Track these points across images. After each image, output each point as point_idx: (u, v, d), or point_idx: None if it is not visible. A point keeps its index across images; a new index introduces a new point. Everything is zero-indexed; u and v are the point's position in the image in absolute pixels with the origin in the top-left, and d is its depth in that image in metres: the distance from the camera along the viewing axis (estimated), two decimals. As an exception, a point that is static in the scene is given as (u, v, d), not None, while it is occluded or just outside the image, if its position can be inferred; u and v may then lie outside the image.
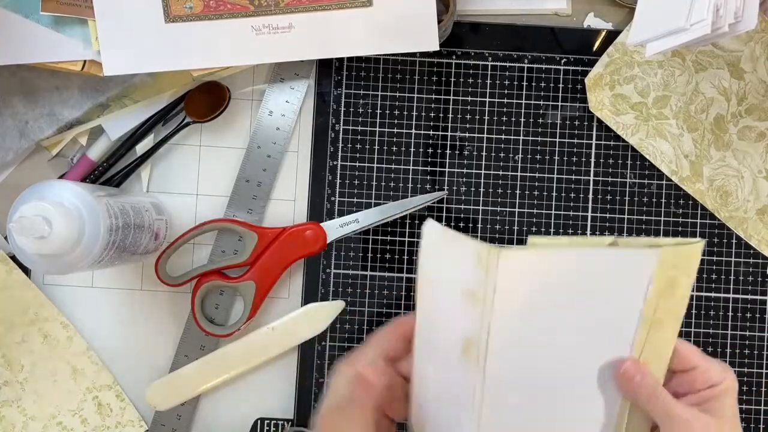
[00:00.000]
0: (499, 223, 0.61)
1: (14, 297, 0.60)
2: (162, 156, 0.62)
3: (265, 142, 0.61)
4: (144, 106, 0.60)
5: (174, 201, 0.62)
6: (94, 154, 0.61)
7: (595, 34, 0.61)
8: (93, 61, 0.57)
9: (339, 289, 0.61)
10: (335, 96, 0.61)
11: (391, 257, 0.61)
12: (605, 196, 0.61)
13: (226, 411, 0.61)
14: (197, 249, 0.62)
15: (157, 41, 0.57)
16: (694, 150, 0.60)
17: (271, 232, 0.60)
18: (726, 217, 0.60)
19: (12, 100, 0.59)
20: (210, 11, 0.57)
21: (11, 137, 0.60)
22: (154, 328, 0.62)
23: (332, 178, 0.61)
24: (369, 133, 0.61)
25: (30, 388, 0.60)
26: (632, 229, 0.61)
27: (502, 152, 0.61)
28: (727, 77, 0.60)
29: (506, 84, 0.61)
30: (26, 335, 0.60)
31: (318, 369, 0.61)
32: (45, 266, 0.48)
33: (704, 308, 0.61)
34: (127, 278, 0.62)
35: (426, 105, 0.61)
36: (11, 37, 0.56)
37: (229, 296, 0.61)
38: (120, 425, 0.60)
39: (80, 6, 0.56)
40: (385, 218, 0.60)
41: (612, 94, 0.60)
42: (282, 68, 0.61)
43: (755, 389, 0.60)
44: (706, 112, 0.60)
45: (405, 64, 0.61)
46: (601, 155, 0.61)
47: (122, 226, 0.51)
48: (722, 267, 0.61)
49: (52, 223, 0.46)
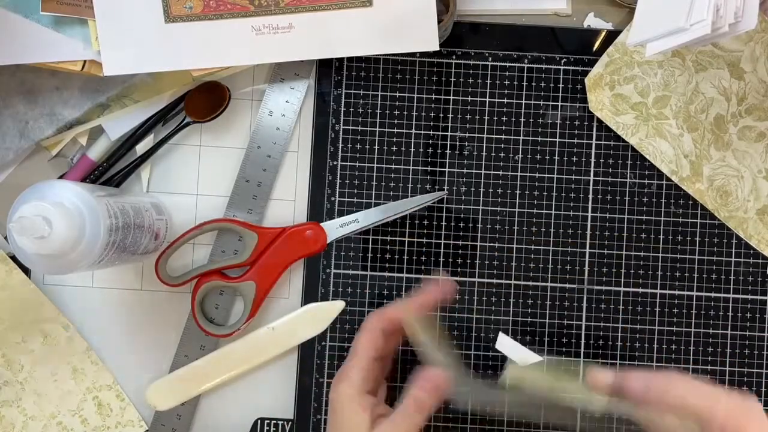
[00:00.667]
0: (499, 223, 0.61)
1: (14, 297, 0.60)
2: (162, 156, 0.62)
3: (265, 142, 0.61)
4: (144, 106, 0.60)
5: (174, 201, 0.62)
6: (94, 154, 0.61)
7: (595, 34, 0.61)
8: (93, 61, 0.57)
9: (339, 289, 0.61)
10: (335, 96, 0.61)
11: (391, 257, 0.61)
12: (605, 196, 0.61)
13: (226, 411, 0.61)
14: (197, 249, 0.62)
15: (157, 41, 0.57)
16: (694, 150, 0.60)
17: (271, 232, 0.60)
18: (726, 217, 0.60)
19: (12, 100, 0.59)
20: (210, 11, 0.57)
21: (11, 137, 0.60)
22: (154, 328, 0.62)
23: (332, 178, 0.61)
24: (369, 133, 0.61)
25: (30, 388, 0.60)
26: (632, 229, 0.61)
27: (502, 152, 0.61)
28: (727, 77, 0.60)
29: (506, 84, 0.61)
30: (26, 335, 0.60)
31: (318, 369, 0.61)
32: (45, 266, 0.48)
33: (704, 308, 0.61)
34: (127, 278, 0.62)
35: (426, 105, 0.61)
36: (11, 37, 0.56)
37: (229, 296, 0.61)
38: (120, 425, 0.60)
39: (80, 6, 0.56)
40: (385, 218, 0.60)
41: (612, 94, 0.60)
42: (282, 68, 0.61)
43: (755, 389, 0.60)
44: (706, 112, 0.60)
45: (405, 64, 0.61)
46: (601, 155, 0.61)
47: (122, 226, 0.51)
48: (722, 267, 0.61)
49: (52, 223, 0.46)
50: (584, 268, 0.61)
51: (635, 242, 0.61)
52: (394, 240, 0.61)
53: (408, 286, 0.61)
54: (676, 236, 0.61)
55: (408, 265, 0.61)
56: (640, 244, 0.61)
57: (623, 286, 0.61)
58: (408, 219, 0.61)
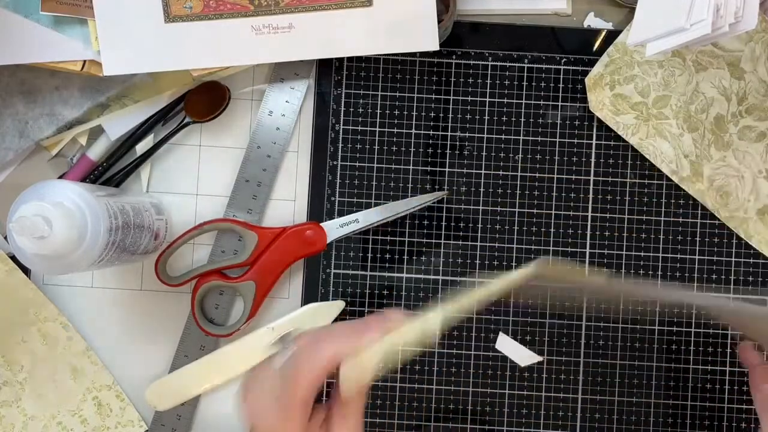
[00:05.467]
0: (499, 223, 0.61)
1: (14, 297, 0.60)
2: (162, 156, 0.62)
3: (265, 142, 0.61)
4: (144, 106, 0.60)
5: (174, 201, 0.62)
6: (94, 154, 0.61)
7: (595, 34, 0.61)
8: (93, 61, 0.57)
9: (339, 289, 0.61)
10: (335, 96, 0.61)
11: (391, 257, 0.61)
12: (605, 196, 0.61)
13: (226, 411, 0.61)
14: (197, 249, 0.62)
15: (157, 41, 0.57)
16: (694, 150, 0.60)
17: (271, 232, 0.60)
18: (726, 217, 0.60)
19: (12, 100, 0.59)
20: (210, 11, 0.57)
21: (11, 137, 0.60)
22: (154, 328, 0.62)
23: (332, 178, 0.61)
24: (369, 133, 0.61)
25: (30, 388, 0.60)
26: (632, 229, 0.61)
27: (502, 152, 0.61)
28: (727, 77, 0.60)
29: (506, 84, 0.61)
30: (26, 335, 0.60)
31: (318, 369, 0.61)
32: (45, 266, 0.48)
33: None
34: (127, 278, 0.62)
35: (426, 105, 0.61)
36: (11, 37, 0.56)
37: (229, 296, 0.61)
38: (120, 425, 0.60)
39: (80, 6, 0.56)
40: (385, 218, 0.60)
41: (612, 94, 0.60)
42: (282, 68, 0.61)
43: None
44: (706, 112, 0.60)
45: (405, 64, 0.61)
46: (601, 155, 0.61)
47: (122, 226, 0.51)
48: (722, 267, 0.61)
49: (52, 223, 0.46)
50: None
51: (635, 242, 0.61)
52: (394, 240, 0.61)
53: (408, 286, 0.61)
54: (676, 236, 0.61)
55: (408, 265, 0.61)
56: (640, 244, 0.61)
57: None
58: (408, 219, 0.61)
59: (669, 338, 0.60)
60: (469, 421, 0.60)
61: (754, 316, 0.55)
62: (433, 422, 0.60)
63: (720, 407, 0.60)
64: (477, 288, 0.46)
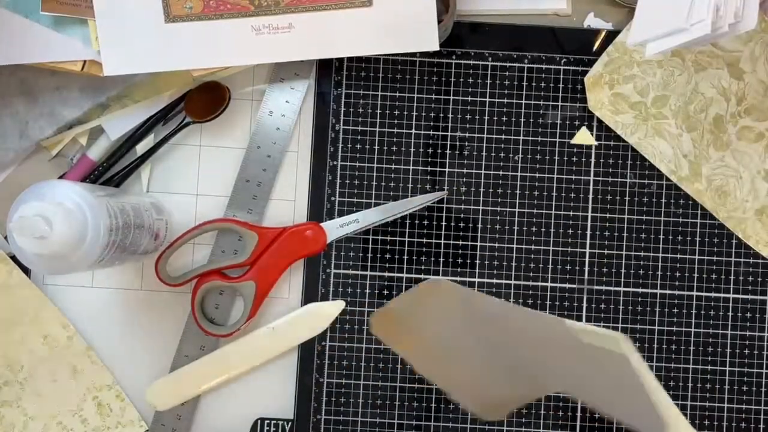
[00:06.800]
0: (499, 223, 0.61)
1: (14, 297, 0.60)
2: (162, 156, 0.62)
3: (265, 142, 0.61)
4: (144, 106, 0.60)
5: (174, 201, 0.62)
6: (94, 154, 0.61)
7: (595, 34, 0.61)
8: (93, 61, 0.57)
9: (339, 289, 0.61)
10: (335, 96, 0.61)
11: (391, 257, 0.61)
12: (605, 196, 0.61)
13: (226, 411, 0.61)
14: (197, 249, 0.62)
15: (157, 41, 0.57)
16: (693, 150, 0.60)
17: (271, 232, 0.60)
18: (725, 217, 0.60)
19: (12, 100, 0.59)
20: (210, 11, 0.57)
21: (11, 137, 0.60)
22: (154, 328, 0.62)
23: (332, 178, 0.61)
24: (369, 133, 0.61)
25: (30, 388, 0.60)
26: (632, 229, 0.61)
27: (502, 152, 0.61)
28: (727, 77, 0.60)
29: (506, 84, 0.61)
30: (26, 335, 0.60)
31: (318, 369, 0.61)
32: (45, 266, 0.48)
33: (704, 308, 0.61)
34: (127, 278, 0.62)
35: (426, 105, 0.61)
36: (11, 37, 0.56)
37: (229, 296, 0.61)
38: (120, 425, 0.60)
39: (80, 6, 0.56)
40: (385, 218, 0.60)
41: (611, 93, 0.60)
42: (282, 68, 0.61)
43: (755, 389, 0.60)
44: (705, 112, 0.60)
45: (405, 64, 0.61)
46: (601, 155, 0.61)
47: (122, 226, 0.51)
48: (722, 267, 0.61)
49: (52, 223, 0.46)
50: (584, 268, 0.61)
51: (635, 242, 0.61)
52: (394, 240, 0.61)
53: (408, 286, 0.61)
54: (676, 236, 0.61)
55: (408, 265, 0.61)
56: (640, 244, 0.61)
57: (623, 286, 0.61)
58: (408, 219, 0.61)
59: (669, 338, 0.61)
60: (470, 421, 0.60)
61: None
62: (433, 422, 0.60)
63: (720, 407, 0.60)
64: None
